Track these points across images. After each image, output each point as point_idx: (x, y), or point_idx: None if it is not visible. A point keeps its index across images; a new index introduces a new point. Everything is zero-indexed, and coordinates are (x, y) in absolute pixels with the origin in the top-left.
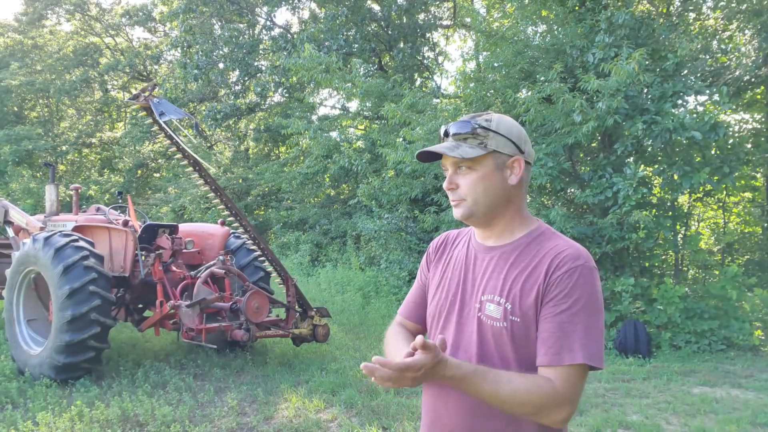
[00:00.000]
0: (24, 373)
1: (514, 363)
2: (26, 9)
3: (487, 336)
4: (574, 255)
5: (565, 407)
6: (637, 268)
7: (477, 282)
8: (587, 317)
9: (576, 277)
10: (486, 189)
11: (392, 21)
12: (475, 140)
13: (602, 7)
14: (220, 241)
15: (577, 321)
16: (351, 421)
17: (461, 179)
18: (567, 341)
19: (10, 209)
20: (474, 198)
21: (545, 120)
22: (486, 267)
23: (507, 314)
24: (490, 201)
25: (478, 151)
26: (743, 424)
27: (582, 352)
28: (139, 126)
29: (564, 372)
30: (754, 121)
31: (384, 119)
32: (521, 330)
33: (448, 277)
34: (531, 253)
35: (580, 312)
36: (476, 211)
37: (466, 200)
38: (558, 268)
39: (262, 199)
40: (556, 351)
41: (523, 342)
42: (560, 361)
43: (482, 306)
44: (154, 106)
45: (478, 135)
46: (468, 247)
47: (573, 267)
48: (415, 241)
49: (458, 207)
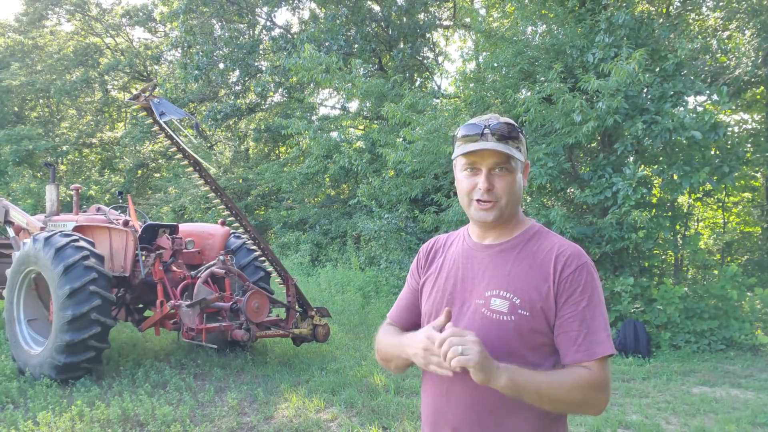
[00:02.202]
0: (24, 373)
1: (519, 355)
2: (27, 9)
3: (492, 331)
4: (578, 253)
5: (605, 394)
6: (637, 268)
7: (477, 278)
8: (602, 311)
9: (585, 275)
10: (517, 191)
11: (392, 21)
12: (517, 143)
13: (602, 8)
14: (221, 241)
15: (597, 315)
16: (351, 421)
17: (497, 181)
18: (595, 337)
19: (10, 209)
20: (508, 199)
21: (545, 120)
22: (486, 264)
23: (516, 308)
24: (516, 202)
25: (521, 154)
26: (743, 424)
27: (608, 343)
28: (139, 126)
29: (598, 364)
30: (753, 121)
31: (384, 119)
32: (530, 323)
33: (444, 277)
34: (531, 250)
35: (595, 307)
36: (506, 212)
37: (500, 201)
38: (567, 267)
39: (262, 199)
40: (587, 347)
41: (531, 334)
42: (593, 356)
43: (487, 301)
44: (154, 106)
45: (519, 140)
46: (463, 246)
47: (580, 265)
48: (415, 241)
49: (492, 209)
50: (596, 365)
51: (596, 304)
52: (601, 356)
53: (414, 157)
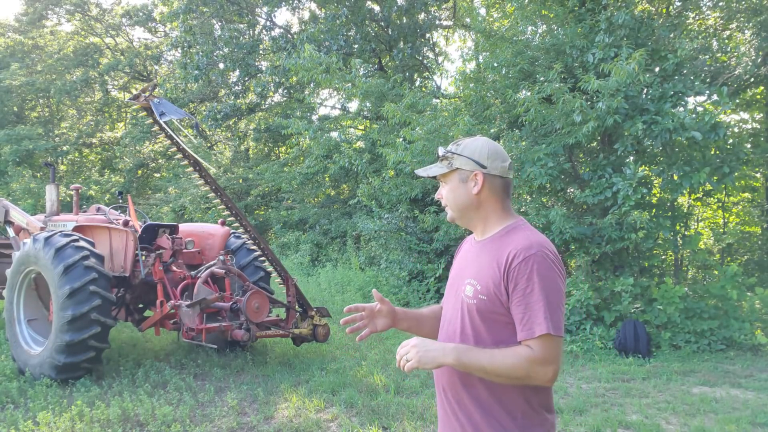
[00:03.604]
0: (24, 373)
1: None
2: (27, 9)
3: (464, 311)
4: (527, 246)
5: (549, 367)
6: (637, 268)
7: (466, 268)
8: (546, 295)
9: (531, 264)
10: (456, 197)
11: (392, 21)
12: (445, 161)
13: (602, 8)
14: (221, 241)
15: (540, 299)
16: (351, 420)
17: (442, 190)
18: (536, 317)
19: (10, 209)
20: (450, 204)
21: (545, 120)
22: (472, 256)
23: (477, 293)
24: (460, 206)
25: (443, 169)
26: (743, 424)
27: (545, 324)
28: (139, 126)
29: (538, 341)
30: (753, 121)
31: (384, 119)
32: (487, 306)
33: (453, 267)
34: (498, 244)
35: (539, 292)
36: (455, 215)
37: (448, 206)
38: (515, 258)
39: (262, 199)
40: (529, 327)
41: (490, 316)
42: (533, 334)
43: (464, 287)
44: (154, 106)
45: (447, 157)
46: (470, 242)
47: (527, 257)
48: (415, 241)
49: (447, 211)
50: (536, 343)
51: (540, 290)
52: (538, 335)
53: (414, 157)
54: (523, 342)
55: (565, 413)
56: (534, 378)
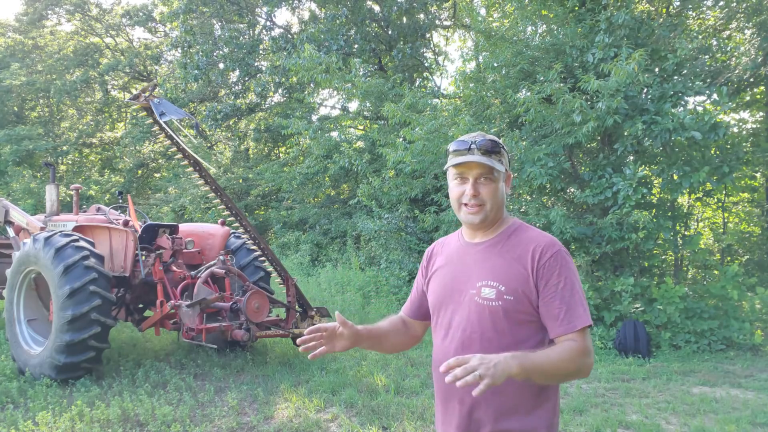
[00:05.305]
0: (24, 373)
1: (509, 334)
2: (27, 9)
3: (484, 314)
4: (551, 243)
5: (590, 358)
6: (637, 268)
7: (470, 272)
8: (578, 289)
9: (560, 260)
10: (499, 196)
11: (392, 21)
12: (499, 156)
13: (602, 8)
14: (221, 241)
15: (574, 293)
16: (351, 421)
17: (482, 188)
18: (574, 311)
19: (10, 209)
20: (491, 204)
21: (545, 120)
22: (476, 259)
23: (502, 294)
24: (499, 206)
25: (503, 166)
26: (743, 424)
27: (585, 316)
28: (139, 126)
29: (580, 334)
30: (753, 121)
31: (384, 119)
32: (514, 305)
33: (443, 273)
34: (512, 243)
35: (572, 286)
36: (490, 215)
37: (485, 206)
38: (543, 256)
39: (262, 199)
40: (569, 320)
41: (515, 316)
42: (574, 327)
43: (478, 291)
44: (154, 106)
45: (501, 153)
46: (458, 246)
47: (554, 252)
48: (415, 241)
49: (478, 212)
50: (578, 336)
51: (572, 284)
52: (580, 327)
53: (414, 157)
54: (563, 337)
55: (565, 413)
56: (582, 370)
